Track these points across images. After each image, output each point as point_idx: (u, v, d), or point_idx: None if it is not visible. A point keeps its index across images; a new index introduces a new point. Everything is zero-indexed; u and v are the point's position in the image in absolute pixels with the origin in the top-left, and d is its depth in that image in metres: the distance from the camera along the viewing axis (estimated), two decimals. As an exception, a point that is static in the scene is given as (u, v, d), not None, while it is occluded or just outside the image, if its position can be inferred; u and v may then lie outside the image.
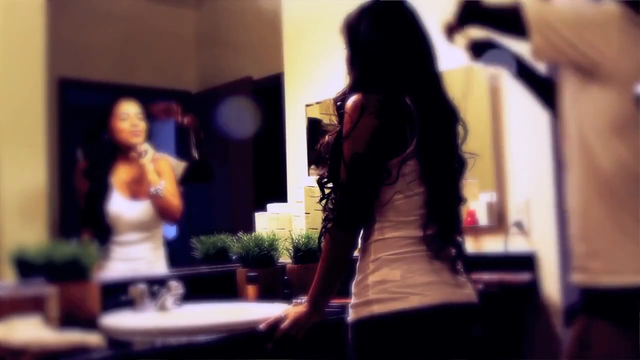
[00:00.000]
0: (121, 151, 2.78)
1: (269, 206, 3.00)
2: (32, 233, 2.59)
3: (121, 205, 2.72)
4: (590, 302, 1.50)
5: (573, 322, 1.55)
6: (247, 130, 3.05)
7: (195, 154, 2.96)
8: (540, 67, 1.93)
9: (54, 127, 2.77)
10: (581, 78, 1.48)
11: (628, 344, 1.42)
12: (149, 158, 2.77)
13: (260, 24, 3.63)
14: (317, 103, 3.32)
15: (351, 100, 1.72)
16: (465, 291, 1.72)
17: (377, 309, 1.65)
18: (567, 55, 1.49)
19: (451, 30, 1.82)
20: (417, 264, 1.67)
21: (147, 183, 2.75)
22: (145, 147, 2.78)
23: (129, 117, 2.77)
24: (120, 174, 2.77)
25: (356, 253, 1.79)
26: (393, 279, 1.65)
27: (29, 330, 1.61)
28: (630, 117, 1.43)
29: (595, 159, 1.47)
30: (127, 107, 2.80)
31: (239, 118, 3.04)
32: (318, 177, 1.84)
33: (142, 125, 2.79)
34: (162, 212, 2.79)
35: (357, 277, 1.74)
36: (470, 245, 2.49)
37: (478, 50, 1.87)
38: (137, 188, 2.77)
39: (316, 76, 3.28)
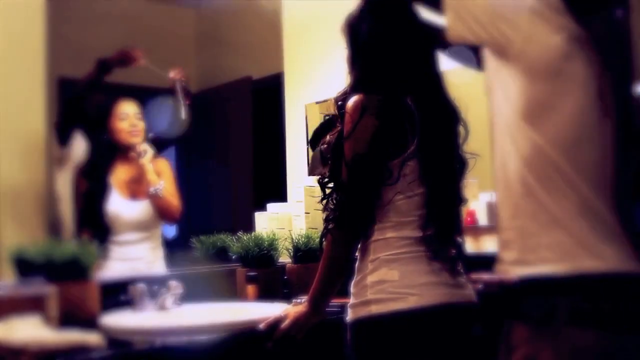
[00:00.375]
0: (120, 151, 2.78)
1: (269, 206, 3.00)
2: (31, 232, 2.60)
3: (120, 205, 2.71)
4: (507, 301, 1.46)
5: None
6: (175, 130, 2.99)
7: (182, 114, 2.97)
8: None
9: (54, 126, 2.77)
10: (495, 62, 1.46)
11: (551, 344, 1.35)
12: (148, 158, 2.77)
13: (260, 24, 3.62)
14: (317, 103, 3.32)
15: (352, 101, 1.72)
16: (464, 292, 1.72)
17: (376, 309, 1.65)
18: (478, 36, 1.46)
19: None
20: (416, 264, 1.66)
21: (146, 183, 2.75)
22: (145, 147, 2.77)
23: (128, 117, 2.78)
24: (120, 174, 2.77)
25: (355, 253, 1.79)
26: (391, 279, 1.65)
27: (28, 329, 1.61)
28: (545, 105, 1.39)
29: (508, 145, 1.44)
30: (126, 107, 2.80)
31: (165, 117, 2.99)
32: (319, 176, 1.84)
33: (141, 125, 2.79)
34: (162, 212, 2.79)
35: (356, 277, 1.73)
36: (470, 245, 2.49)
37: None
38: (136, 188, 2.77)
39: (316, 76, 3.28)
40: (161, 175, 2.82)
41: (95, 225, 2.70)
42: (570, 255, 1.36)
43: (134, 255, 2.74)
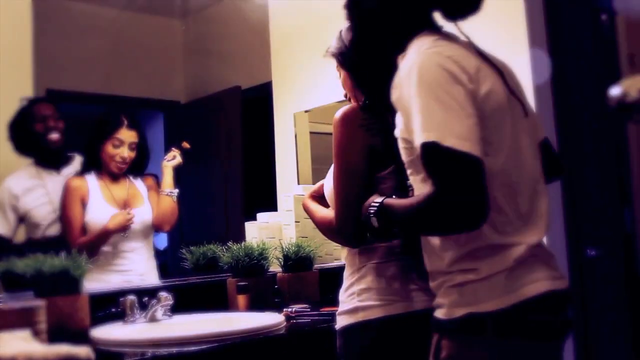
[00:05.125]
0: (107, 173, 2.77)
1: (259, 215, 3.00)
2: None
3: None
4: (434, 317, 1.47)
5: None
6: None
7: None
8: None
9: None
10: None
11: (478, 356, 1.38)
12: (173, 163, 2.92)
13: (248, 33, 3.63)
14: (306, 111, 3.33)
15: (339, 112, 1.72)
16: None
17: (363, 316, 1.65)
18: None
19: None
20: (403, 271, 1.67)
21: (163, 185, 2.88)
22: (175, 154, 2.93)
23: (123, 145, 2.75)
24: (110, 191, 2.75)
25: (343, 261, 1.79)
26: (378, 286, 1.66)
27: (17, 343, 1.60)
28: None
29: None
30: (124, 134, 2.76)
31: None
32: None
33: (131, 156, 2.78)
34: (168, 216, 2.86)
35: (344, 285, 1.74)
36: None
37: None
38: (129, 200, 2.76)
39: (304, 85, 3.28)
40: (151, 190, 2.85)
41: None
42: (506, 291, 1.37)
43: (127, 267, 2.73)
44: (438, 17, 1.54)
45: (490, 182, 1.36)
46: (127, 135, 2.76)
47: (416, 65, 1.38)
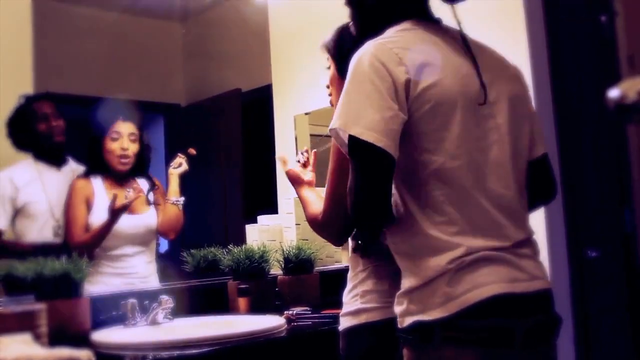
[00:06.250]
0: (111, 174, 2.74)
1: (260, 218, 3.00)
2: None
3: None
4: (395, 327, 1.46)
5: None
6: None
7: None
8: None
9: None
10: None
11: None
12: (180, 171, 2.87)
13: (247, 36, 3.64)
14: (306, 114, 3.33)
15: None
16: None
17: (366, 317, 1.66)
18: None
19: None
20: None
21: (169, 192, 2.85)
22: (180, 161, 2.87)
23: (121, 137, 2.74)
24: (114, 191, 2.74)
25: (346, 263, 1.79)
26: (381, 288, 1.66)
27: (18, 347, 1.59)
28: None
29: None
30: (121, 126, 2.75)
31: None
32: None
33: (132, 149, 2.75)
34: (174, 224, 2.85)
35: (348, 287, 1.75)
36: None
37: None
38: (134, 204, 2.74)
39: (304, 87, 3.28)
40: (158, 194, 2.86)
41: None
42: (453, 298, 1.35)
43: (129, 270, 2.72)
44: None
45: (436, 179, 1.36)
46: (124, 127, 2.75)
47: (356, 58, 1.40)
